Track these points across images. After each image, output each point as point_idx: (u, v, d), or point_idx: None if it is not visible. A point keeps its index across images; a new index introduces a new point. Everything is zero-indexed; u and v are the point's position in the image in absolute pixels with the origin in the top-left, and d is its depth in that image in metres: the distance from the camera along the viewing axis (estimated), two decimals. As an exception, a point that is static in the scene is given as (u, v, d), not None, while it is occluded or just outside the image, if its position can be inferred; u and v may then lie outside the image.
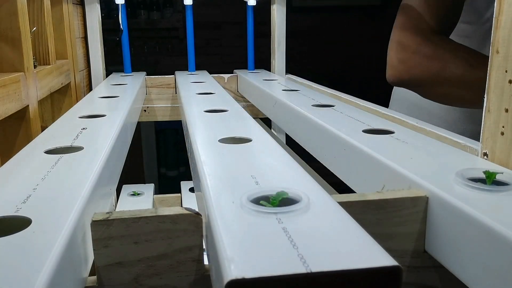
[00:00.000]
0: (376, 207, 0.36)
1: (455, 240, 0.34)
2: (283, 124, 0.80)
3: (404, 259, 0.38)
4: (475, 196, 0.35)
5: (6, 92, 0.63)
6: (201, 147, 0.47)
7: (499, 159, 0.42)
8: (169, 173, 2.89)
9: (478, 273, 0.32)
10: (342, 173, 0.52)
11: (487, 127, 0.44)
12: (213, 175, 0.38)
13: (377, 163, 0.44)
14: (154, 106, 1.09)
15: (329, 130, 0.55)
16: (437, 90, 0.75)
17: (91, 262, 0.34)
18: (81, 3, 1.26)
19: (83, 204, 0.34)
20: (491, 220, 0.30)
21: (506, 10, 0.41)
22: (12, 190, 0.36)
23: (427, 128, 0.55)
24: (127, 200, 1.27)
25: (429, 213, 0.37)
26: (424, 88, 0.77)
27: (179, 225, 0.33)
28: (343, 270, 0.23)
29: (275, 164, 0.42)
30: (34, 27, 0.89)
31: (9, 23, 0.70)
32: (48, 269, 0.25)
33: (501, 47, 0.42)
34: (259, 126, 0.57)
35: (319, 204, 0.31)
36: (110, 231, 0.32)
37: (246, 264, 0.24)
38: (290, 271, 0.23)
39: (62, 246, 0.28)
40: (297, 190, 0.33)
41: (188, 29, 1.24)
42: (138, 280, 0.33)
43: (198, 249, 0.34)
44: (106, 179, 0.45)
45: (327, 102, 0.73)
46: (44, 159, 0.45)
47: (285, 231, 0.27)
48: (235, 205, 0.31)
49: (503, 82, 0.41)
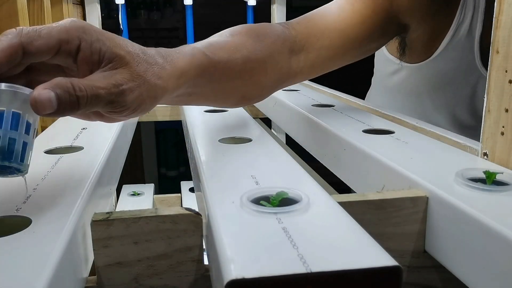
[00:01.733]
0: (376, 207, 0.36)
1: (455, 240, 0.34)
2: (283, 124, 0.80)
3: (404, 259, 0.38)
4: (475, 196, 0.35)
5: (6, 92, 0.63)
6: (201, 147, 0.47)
7: (499, 159, 0.42)
8: (169, 173, 2.89)
9: (478, 273, 0.32)
10: (342, 173, 0.52)
11: (487, 127, 0.44)
12: (213, 175, 0.38)
13: (377, 163, 0.44)
14: (154, 106, 1.08)
15: (329, 130, 0.55)
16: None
17: (91, 262, 0.34)
18: (81, 3, 1.26)
19: (83, 204, 0.34)
20: (491, 220, 0.30)
21: (506, 10, 0.41)
22: (12, 190, 0.36)
23: (427, 128, 0.55)
24: (127, 200, 1.27)
25: (429, 213, 0.37)
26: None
27: (179, 225, 0.33)
28: (343, 270, 0.23)
29: (275, 164, 0.42)
30: (34, 27, 0.89)
31: (9, 23, 0.70)
32: (48, 269, 0.25)
33: (501, 47, 0.42)
34: (259, 126, 0.57)
35: (319, 204, 0.31)
36: (110, 231, 0.32)
37: (246, 264, 0.24)
38: (290, 271, 0.23)
39: (62, 246, 0.28)
40: (297, 190, 0.33)
41: (188, 29, 1.24)
42: (138, 280, 0.33)
43: (198, 249, 0.34)
44: (106, 179, 0.45)
45: (327, 102, 0.73)
46: (44, 159, 0.45)
47: (285, 231, 0.27)
48: (235, 205, 0.31)
49: (503, 82, 0.41)
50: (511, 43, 0.40)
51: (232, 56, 0.50)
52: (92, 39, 0.34)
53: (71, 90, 0.32)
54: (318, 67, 0.60)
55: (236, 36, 0.53)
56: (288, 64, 0.57)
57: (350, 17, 0.61)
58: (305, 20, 0.61)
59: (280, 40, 0.56)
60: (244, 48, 0.52)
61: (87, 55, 0.34)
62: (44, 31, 0.33)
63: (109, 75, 0.35)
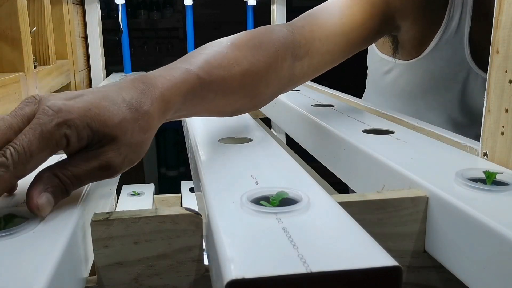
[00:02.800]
0: (376, 207, 0.36)
1: (455, 240, 0.34)
2: (283, 124, 0.80)
3: (404, 259, 0.38)
4: (475, 196, 0.35)
5: (6, 92, 0.63)
6: (201, 147, 0.47)
7: (499, 159, 0.42)
8: (169, 173, 2.89)
9: (478, 273, 0.32)
10: (342, 173, 0.52)
11: (487, 127, 0.44)
12: (213, 175, 0.38)
13: (377, 163, 0.43)
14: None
15: (329, 130, 0.55)
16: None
17: (91, 262, 0.34)
18: (81, 3, 1.26)
19: (83, 204, 0.34)
20: (491, 220, 0.30)
21: (506, 10, 0.41)
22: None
23: (427, 128, 0.55)
24: (127, 200, 1.27)
25: (429, 213, 0.37)
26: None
27: (179, 225, 0.33)
28: (343, 270, 0.23)
29: (275, 164, 0.42)
30: (34, 27, 0.89)
31: (9, 23, 0.70)
32: (48, 269, 0.25)
33: (501, 47, 0.42)
34: (259, 126, 0.57)
35: (319, 204, 0.31)
36: (110, 231, 0.32)
37: (246, 264, 0.24)
38: (290, 271, 0.23)
39: (62, 246, 0.28)
40: (297, 190, 0.33)
41: (188, 29, 1.24)
42: (138, 280, 0.33)
43: (198, 249, 0.33)
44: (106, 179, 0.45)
45: (327, 102, 0.73)
46: (44, 159, 0.45)
47: (285, 231, 0.27)
48: (235, 205, 0.31)
49: (503, 82, 0.41)
50: (511, 43, 0.40)
51: (230, 72, 0.48)
52: (78, 130, 0.33)
53: (59, 183, 0.33)
54: (320, 70, 0.61)
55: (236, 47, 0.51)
56: (291, 71, 0.56)
57: (351, 20, 0.61)
58: (309, 24, 0.60)
59: (283, 47, 0.55)
60: (244, 59, 0.50)
61: (75, 147, 0.34)
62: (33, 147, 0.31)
63: (94, 156, 0.34)
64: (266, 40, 0.54)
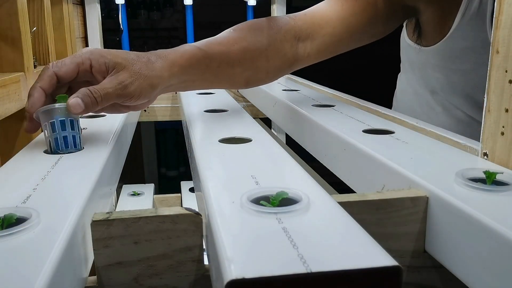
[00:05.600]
0: (376, 207, 0.36)
1: (455, 240, 0.34)
2: (283, 124, 0.80)
3: (404, 259, 0.38)
4: (475, 196, 0.35)
5: (6, 92, 0.63)
6: (201, 147, 0.47)
7: (499, 159, 0.42)
8: (169, 173, 2.89)
9: (478, 273, 0.32)
10: (342, 173, 0.52)
11: (487, 127, 0.44)
12: (213, 175, 0.38)
13: (377, 163, 0.43)
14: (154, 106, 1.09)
15: (329, 130, 0.55)
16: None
17: (91, 262, 0.34)
18: (81, 3, 1.26)
19: (83, 204, 0.34)
20: (491, 220, 0.30)
21: (506, 10, 0.41)
22: (12, 190, 0.36)
23: (427, 128, 0.55)
24: (127, 200, 1.27)
25: (429, 213, 0.37)
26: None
27: (179, 225, 0.33)
28: (343, 270, 0.23)
29: (275, 164, 0.42)
30: (34, 27, 0.89)
31: (9, 23, 0.70)
32: (48, 269, 0.25)
33: (501, 47, 0.42)
34: (259, 126, 0.57)
35: (319, 204, 0.31)
36: (110, 231, 0.32)
37: (246, 264, 0.24)
38: (290, 271, 0.23)
39: (62, 246, 0.28)
40: (297, 190, 0.33)
41: (188, 29, 1.24)
42: (138, 280, 0.33)
43: (198, 249, 0.34)
44: (106, 179, 0.45)
45: (327, 102, 0.73)
46: (44, 159, 0.45)
47: (285, 231, 0.27)
48: (235, 205, 0.31)
49: (503, 82, 0.41)
50: (511, 43, 0.40)
51: (230, 48, 0.58)
52: (98, 57, 0.49)
53: (90, 94, 0.47)
54: (324, 51, 0.68)
55: (237, 31, 0.60)
56: (295, 50, 0.65)
57: (352, 5, 0.67)
58: (310, 12, 0.68)
59: (283, 30, 0.63)
60: (243, 40, 0.59)
61: (97, 68, 0.49)
62: (66, 60, 0.49)
63: (114, 78, 0.49)
64: (266, 26, 0.63)
